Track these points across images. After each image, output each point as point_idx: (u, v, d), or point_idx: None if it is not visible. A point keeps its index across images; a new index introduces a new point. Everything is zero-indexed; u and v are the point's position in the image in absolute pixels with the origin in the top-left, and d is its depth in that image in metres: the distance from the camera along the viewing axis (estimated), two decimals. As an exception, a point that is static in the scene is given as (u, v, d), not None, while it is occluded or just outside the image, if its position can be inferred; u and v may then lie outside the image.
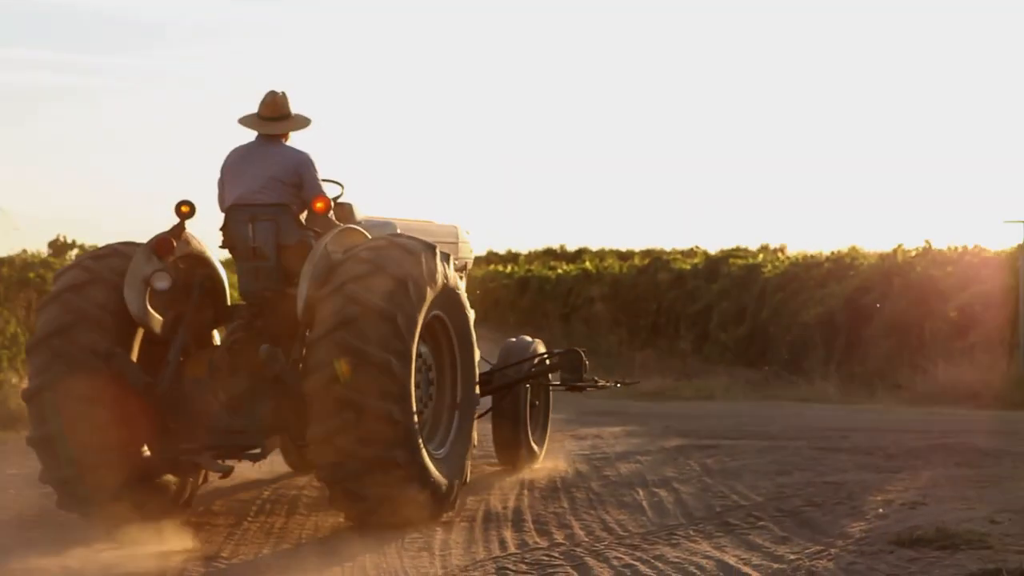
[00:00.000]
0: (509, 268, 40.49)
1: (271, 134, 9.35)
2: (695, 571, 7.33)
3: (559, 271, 35.72)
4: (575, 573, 7.38)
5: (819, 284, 24.53)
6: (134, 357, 8.89)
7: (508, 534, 8.59)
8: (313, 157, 9.33)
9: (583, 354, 11.58)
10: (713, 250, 30.33)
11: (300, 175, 9.24)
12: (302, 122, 9.46)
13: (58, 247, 22.19)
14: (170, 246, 9.03)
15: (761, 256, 28.55)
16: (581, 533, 8.60)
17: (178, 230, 9.13)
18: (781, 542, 8.10)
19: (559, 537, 8.47)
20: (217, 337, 9.68)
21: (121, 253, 9.10)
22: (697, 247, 32.19)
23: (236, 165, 9.31)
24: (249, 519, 9.33)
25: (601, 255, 38.38)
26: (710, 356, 26.69)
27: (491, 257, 44.73)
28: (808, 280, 24.94)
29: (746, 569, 7.35)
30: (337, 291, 8.63)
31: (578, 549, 8.03)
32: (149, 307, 8.91)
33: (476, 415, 9.80)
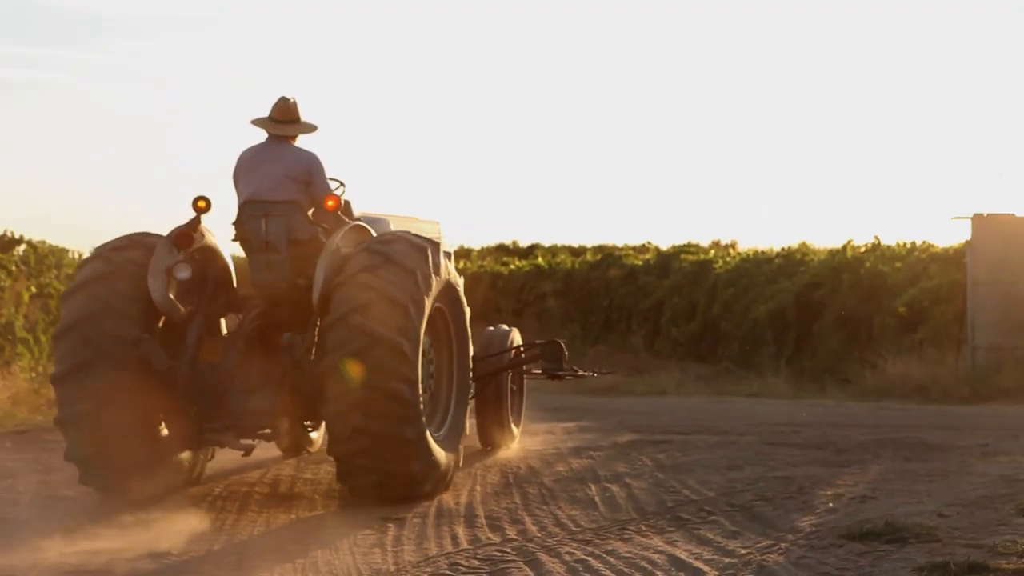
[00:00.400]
0: (462, 264, 40.48)
1: (281, 135, 9.98)
2: (647, 566, 7.36)
3: (512, 267, 35.73)
4: (527, 569, 7.38)
5: (770, 280, 24.67)
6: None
7: (460, 530, 8.59)
8: (320, 157, 9.98)
9: (563, 345, 12.56)
10: (665, 246, 30.40)
11: (310, 174, 9.88)
12: (309, 128, 10.08)
13: (4, 243, 21.96)
14: (190, 239, 9.61)
15: (712, 252, 28.66)
16: (533, 528, 8.61)
17: (195, 224, 9.65)
18: (732, 536, 8.15)
19: (511, 533, 8.47)
20: (223, 325, 10.16)
21: (139, 244, 9.69)
22: (649, 243, 32.25)
23: (249, 163, 9.92)
24: (200, 516, 9.27)
25: (553, 251, 38.39)
26: (662, 351, 26.78)
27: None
28: (759, 276, 25.08)
29: (697, 564, 7.38)
30: (351, 280, 9.27)
31: (530, 545, 8.04)
32: (171, 295, 9.52)
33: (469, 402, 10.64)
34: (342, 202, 10.07)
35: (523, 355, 12.61)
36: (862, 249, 23.31)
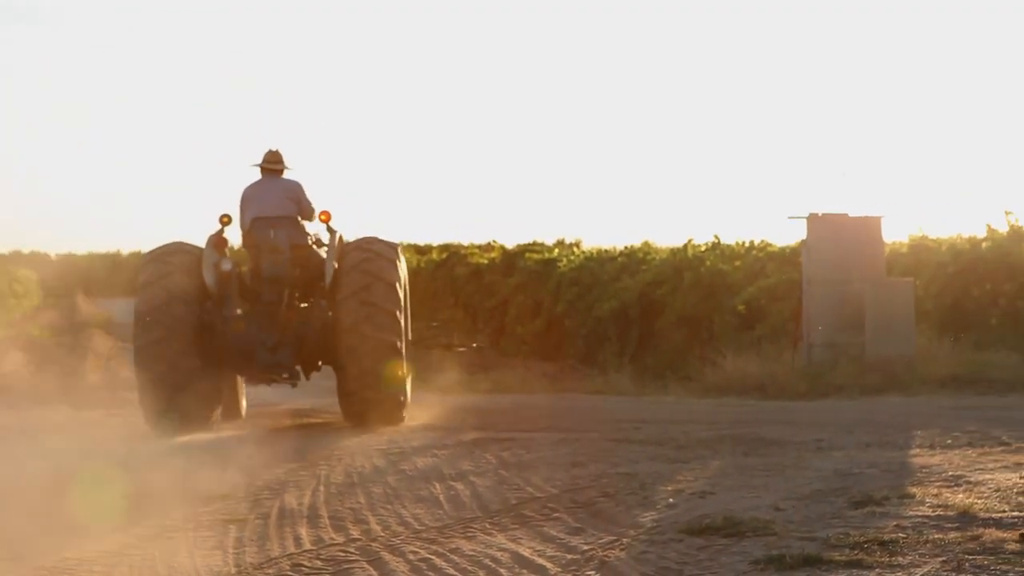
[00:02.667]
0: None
1: (273, 172, 14.17)
2: (490, 564, 7.38)
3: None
4: (371, 568, 7.35)
5: (613, 278, 24.95)
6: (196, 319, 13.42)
7: (303, 530, 8.52)
8: (302, 183, 14.18)
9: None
10: (510, 245, 30.54)
11: (298, 194, 14.08)
12: (286, 168, 14.33)
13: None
14: (225, 242, 13.73)
15: (557, 251, 28.86)
16: (377, 528, 8.57)
17: (222, 232, 13.71)
18: (575, 533, 8.22)
19: (355, 532, 8.43)
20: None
21: (182, 250, 13.71)
22: (494, 242, 32.37)
23: (253, 193, 14.05)
24: (34, 520, 9.04)
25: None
26: (507, 349, 26.92)
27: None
28: (602, 274, 25.34)
29: (540, 560, 7.43)
30: (355, 268, 13.53)
31: (374, 544, 8.01)
32: (217, 281, 13.42)
33: None
34: (331, 215, 14.03)
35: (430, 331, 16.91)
36: (702, 248, 23.71)
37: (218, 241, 13.58)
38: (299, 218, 13.99)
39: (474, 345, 16.65)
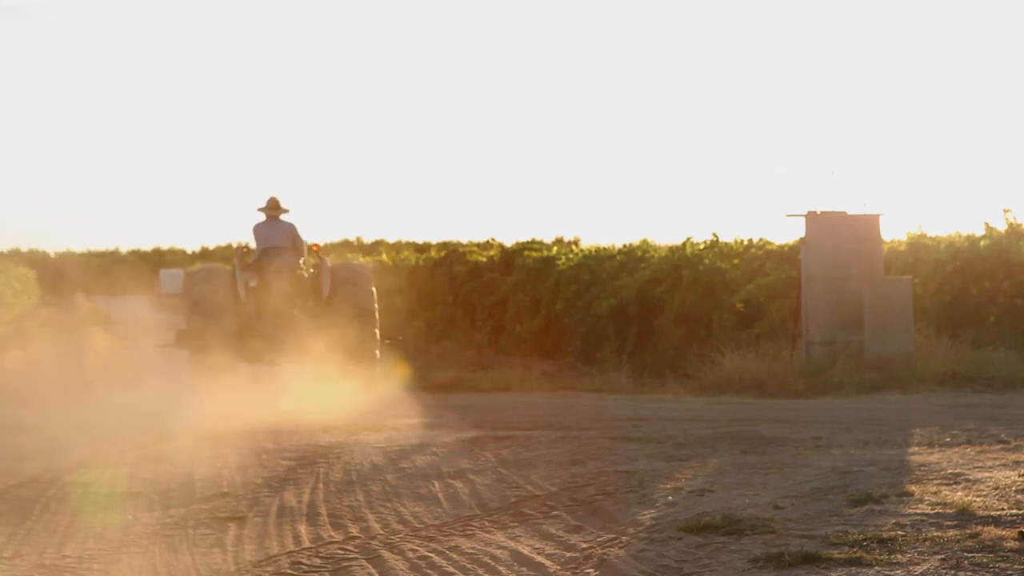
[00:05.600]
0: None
1: (274, 216, 18.92)
2: (489, 561, 7.39)
3: (356, 263, 35.51)
4: (370, 566, 7.36)
5: (611, 276, 24.94)
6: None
7: (303, 528, 8.52)
8: (296, 224, 19.11)
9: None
10: (508, 243, 30.54)
11: (293, 234, 18.89)
12: (285, 211, 18.99)
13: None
14: (248, 265, 18.64)
15: (555, 249, 28.86)
16: (376, 526, 8.58)
17: (246, 257, 18.72)
18: (574, 531, 8.23)
19: (354, 530, 8.43)
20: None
21: (217, 271, 19.10)
22: (493, 240, 32.37)
23: (264, 230, 18.82)
24: (33, 518, 9.06)
25: (398, 247, 38.32)
26: (506, 347, 26.91)
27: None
28: (601, 272, 25.34)
29: (539, 558, 7.44)
30: (346, 281, 18.62)
31: (373, 542, 8.01)
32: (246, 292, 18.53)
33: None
34: (320, 247, 19.19)
35: None
36: (701, 246, 23.70)
37: (245, 265, 18.74)
38: (293, 250, 18.95)
39: (399, 338, 21.80)
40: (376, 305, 18.91)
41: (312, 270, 19.02)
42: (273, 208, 18.94)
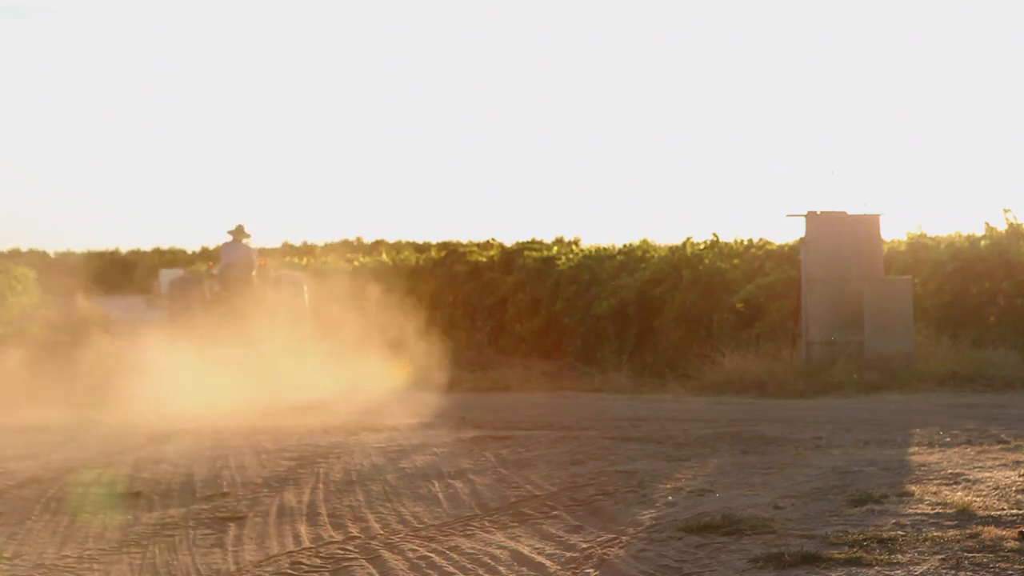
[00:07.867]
0: (304, 260, 40.14)
1: (239, 240, 22.45)
2: (489, 561, 7.39)
3: (356, 263, 35.55)
4: (370, 566, 7.36)
5: (611, 276, 24.95)
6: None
7: (303, 528, 8.53)
8: (254, 247, 22.85)
9: None
10: (509, 243, 30.56)
11: (251, 255, 22.45)
12: (248, 236, 22.78)
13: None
14: (213, 276, 22.74)
15: (556, 249, 28.88)
16: (376, 526, 8.58)
17: (212, 270, 21.91)
18: (574, 531, 8.23)
19: (354, 530, 8.44)
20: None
21: (197, 277, 24.40)
22: (493, 240, 32.40)
23: (229, 249, 22.47)
24: (33, 518, 9.06)
25: (398, 247, 38.33)
26: (506, 347, 26.92)
27: (287, 249, 44.25)
28: (601, 272, 25.35)
29: (539, 558, 7.44)
30: (283, 288, 22.26)
31: (373, 542, 8.02)
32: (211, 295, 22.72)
33: None
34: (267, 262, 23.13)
35: None
36: (701, 246, 23.70)
37: (211, 276, 23.20)
38: (248, 266, 22.97)
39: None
40: (307, 306, 23.08)
41: (259, 281, 23.31)
42: (238, 233, 23.35)
